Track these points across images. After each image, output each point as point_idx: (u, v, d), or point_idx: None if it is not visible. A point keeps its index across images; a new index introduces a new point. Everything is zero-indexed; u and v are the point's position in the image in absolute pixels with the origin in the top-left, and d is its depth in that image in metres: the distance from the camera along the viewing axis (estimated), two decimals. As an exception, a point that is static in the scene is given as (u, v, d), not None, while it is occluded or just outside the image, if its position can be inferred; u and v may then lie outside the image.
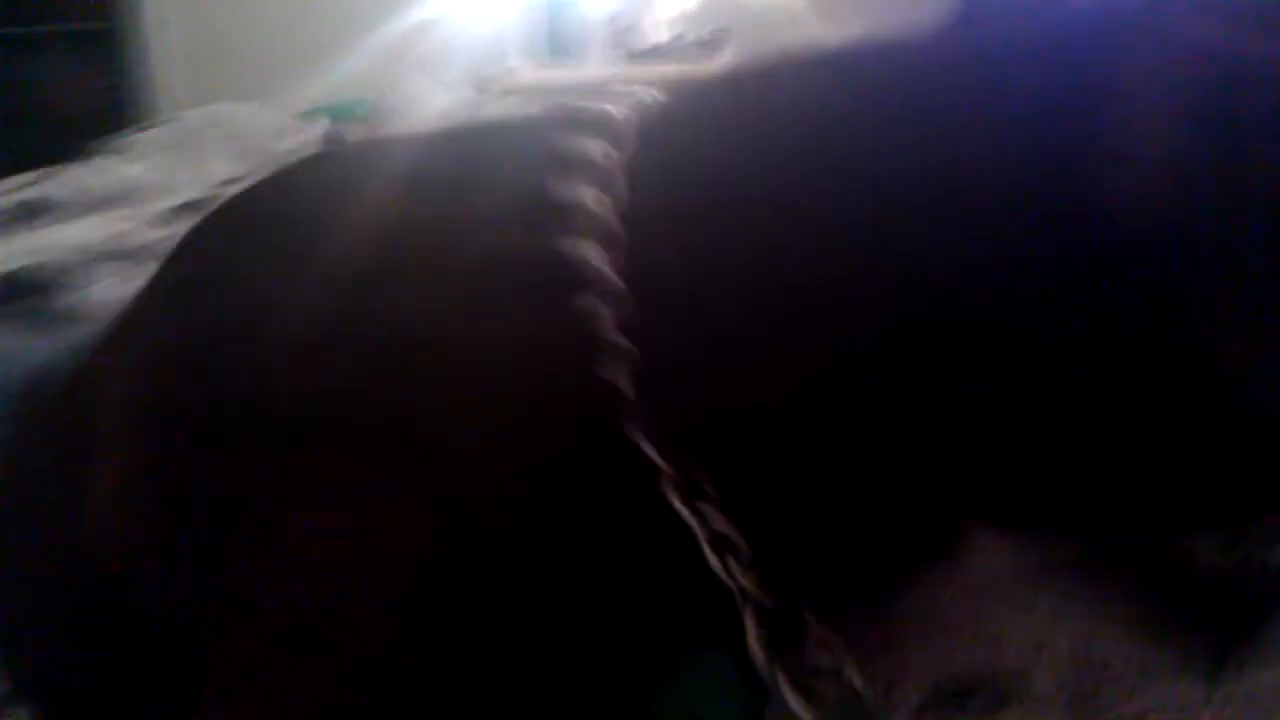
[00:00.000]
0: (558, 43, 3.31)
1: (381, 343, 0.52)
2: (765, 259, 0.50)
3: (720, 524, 0.48)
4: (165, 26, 3.38)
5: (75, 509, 0.60)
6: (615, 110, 0.56)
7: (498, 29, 3.41)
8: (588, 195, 0.51)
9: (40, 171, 2.01)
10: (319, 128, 2.25)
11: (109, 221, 1.73)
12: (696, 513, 0.48)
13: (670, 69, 2.29)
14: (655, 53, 2.80)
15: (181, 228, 1.67)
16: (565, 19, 3.32)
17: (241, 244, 0.62)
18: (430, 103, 2.18)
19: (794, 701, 0.48)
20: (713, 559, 0.48)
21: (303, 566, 0.51)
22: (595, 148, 0.54)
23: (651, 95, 0.58)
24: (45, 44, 3.33)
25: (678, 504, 0.48)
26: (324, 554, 0.51)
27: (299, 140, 2.09)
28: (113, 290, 1.51)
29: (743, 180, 0.52)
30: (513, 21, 3.42)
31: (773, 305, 0.49)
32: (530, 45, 3.44)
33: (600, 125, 0.55)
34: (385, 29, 3.61)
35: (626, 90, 0.58)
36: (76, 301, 1.49)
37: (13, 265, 1.55)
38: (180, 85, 3.41)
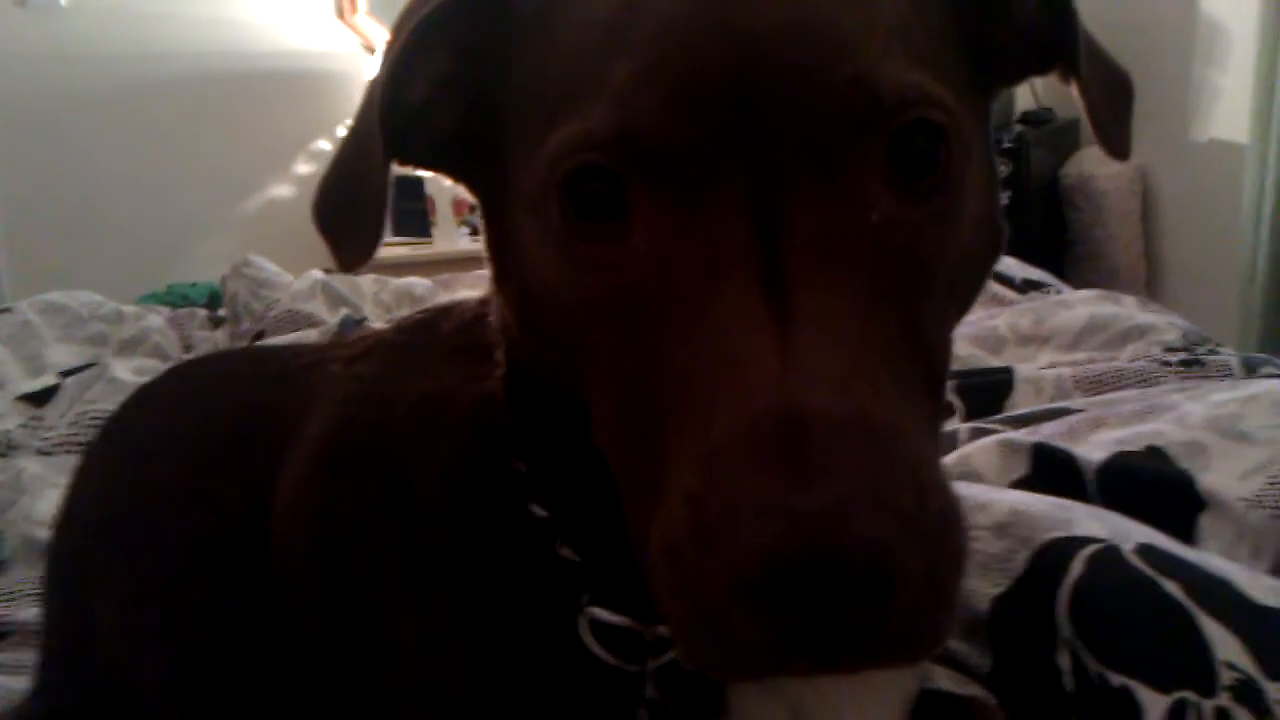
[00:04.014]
0: (404, 218, 3.35)
1: None
2: None
3: None
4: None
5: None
6: None
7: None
8: None
9: None
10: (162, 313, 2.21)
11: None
12: None
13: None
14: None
15: (18, 420, 1.61)
16: (413, 194, 3.37)
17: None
18: (275, 284, 2.16)
19: None
20: None
21: None
22: None
23: None
24: None
25: None
26: None
27: (139, 327, 2.04)
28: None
29: None
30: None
31: None
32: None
33: None
34: (227, 212, 3.61)
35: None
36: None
37: None
38: (10, 272, 3.33)
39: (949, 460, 1.13)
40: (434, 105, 0.55)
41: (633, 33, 0.46)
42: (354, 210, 0.55)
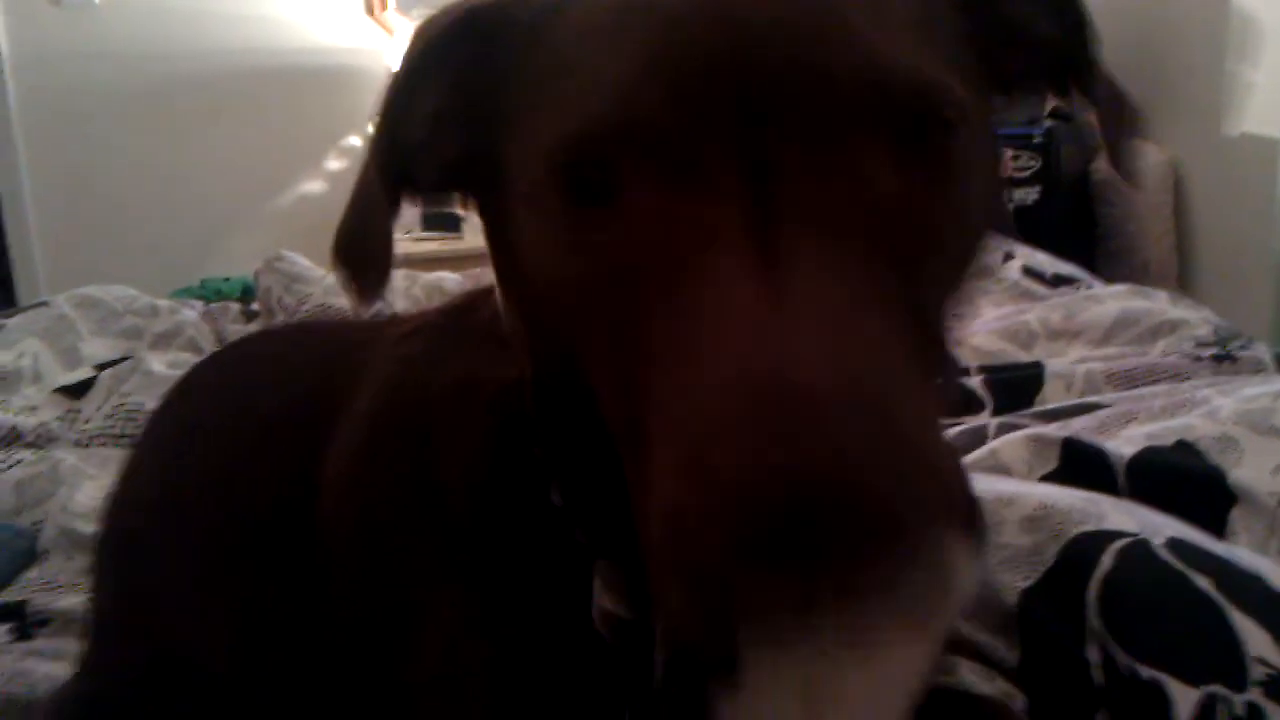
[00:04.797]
0: (434, 215, 3.37)
1: None
2: None
3: None
4: (26, 208, 3.35)
5: None
6: None
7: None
8: None
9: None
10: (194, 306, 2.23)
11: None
12: None
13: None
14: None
15: (55, 412, 1.63)
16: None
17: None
18: (308, 279, 2.18)
19: None
20: None
21: None
22: None
23: None
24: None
25: None
26: None
27: (173, 321, 2.06)
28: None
29: None
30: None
31: None
32: (407, 218, 3.49)
33: None
34: (260, 207, 3.64)
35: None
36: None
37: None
38: (46, 267, 3.37)
39: (978, 455, 1.13)
40: (436, 137, 0.57)
41: (631, 32, 0.47)
42: (364, 251, 0.58)
